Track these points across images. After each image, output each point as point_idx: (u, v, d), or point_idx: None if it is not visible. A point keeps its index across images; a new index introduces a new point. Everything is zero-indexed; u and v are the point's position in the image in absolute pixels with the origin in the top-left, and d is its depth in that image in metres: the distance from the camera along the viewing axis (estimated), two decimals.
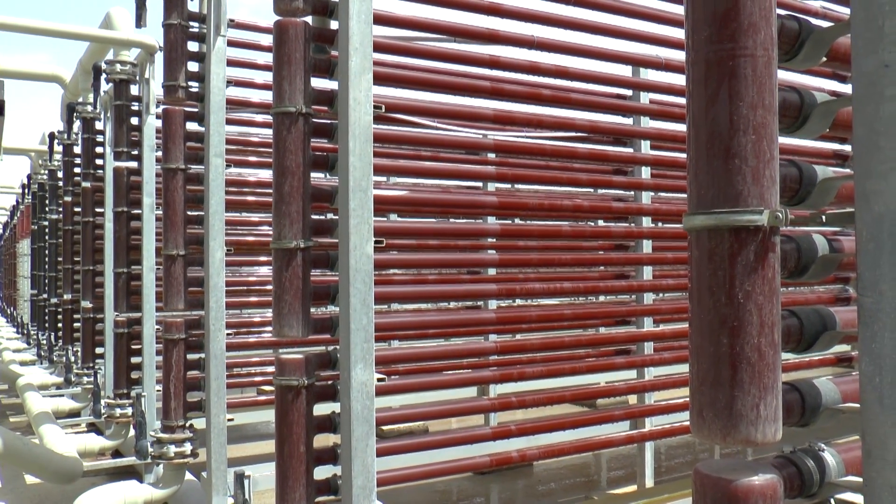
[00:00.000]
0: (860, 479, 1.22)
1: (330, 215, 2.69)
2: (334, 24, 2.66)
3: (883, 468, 1.18)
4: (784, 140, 1.76)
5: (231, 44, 4.29)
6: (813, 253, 1.32)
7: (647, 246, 3.85)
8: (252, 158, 5.09)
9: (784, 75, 1.47)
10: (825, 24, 1.38)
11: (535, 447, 3.13)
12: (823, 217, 1.30)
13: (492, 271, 4.28)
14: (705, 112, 1.14)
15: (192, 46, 3.94)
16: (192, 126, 4.01)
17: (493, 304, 5.24)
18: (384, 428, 4.81)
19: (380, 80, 2.73)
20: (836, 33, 1.33)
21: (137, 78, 5.30)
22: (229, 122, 4.78)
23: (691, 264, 1.16)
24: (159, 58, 4.66)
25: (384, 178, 5.41)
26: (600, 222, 5.47)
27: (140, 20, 4.30)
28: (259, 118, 4.85)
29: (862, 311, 1.20)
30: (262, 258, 5.21)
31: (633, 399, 4.52)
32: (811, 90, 1.34)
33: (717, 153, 1.12)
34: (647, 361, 3.65)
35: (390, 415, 2.91)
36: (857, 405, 1.22)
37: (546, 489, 5.58)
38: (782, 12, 1.33)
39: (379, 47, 2.70)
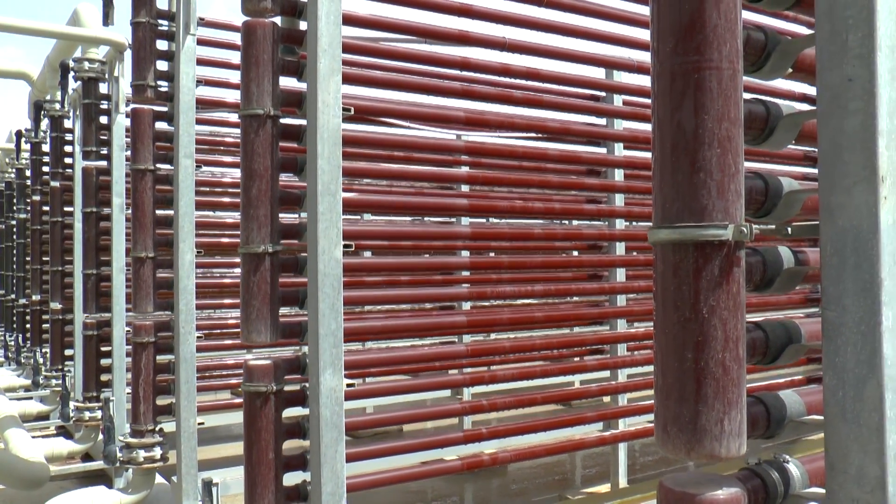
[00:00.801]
0: (823, 491, 1.22)
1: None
2: (303, 25, 2.63)
3: (845, 482, 1.18)
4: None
5: (202, 42, 4.24)
6: (778, 266, 1.32)
7: (620, 248, 3.85)
8: (227, 159, 5.04)
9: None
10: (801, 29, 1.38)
11: (507, 450, 3.12)
12: (789, 229, 1.30)
13: (464, 273, 4.28)
14: (670, 125, 1.13)
15: (162, 45, 3.89)
16: (162, 126, 3.96)
17: (465, 305, 5.24)
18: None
19: (350, 81, 2.70)
20: (803, 45, 1.32)
21: (106, 76, 5.22)
22: (203, 121, 4.74)
23: (656, 278, 1.15)
24: (129, 56, 4.60)
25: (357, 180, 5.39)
26: (574, 223, 5.49)
27: (107, 18, 4.23)
28: (233, 118, 4.80)
29: (826, 325, 1.19)
30: (237, 259, 5.16)
31: (609, 399, 4.54)
32: (777, 102, 1.34)
33: (681, 166, 1.11)
34: (620, 363, 3.66)
35: (361, 420, 2.89)
36: (822, 417, 1.23)
37: (520, 488, 5.58)
38: (749, 20, 1.32)
39: (348, 48, 2.67)
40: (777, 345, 1.33)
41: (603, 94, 3.91)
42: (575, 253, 4.95)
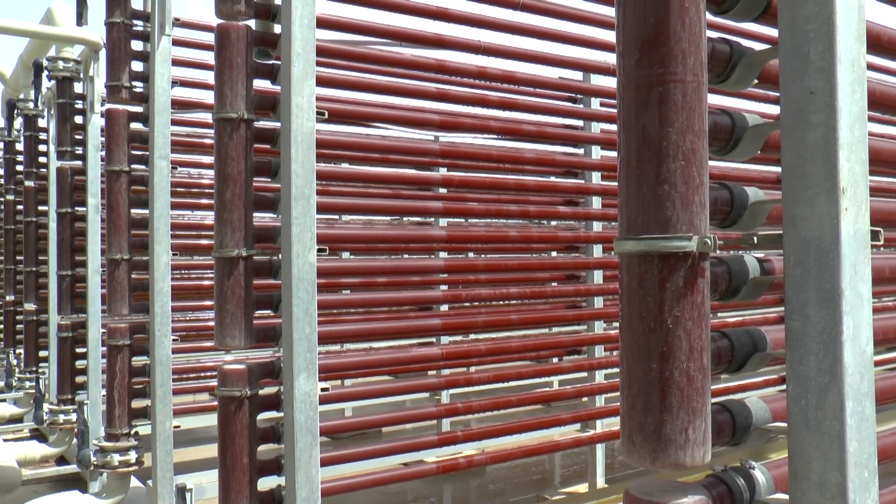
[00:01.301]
0: (788, 497, 1.24)
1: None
2: (278, 28, 2.62)
3: (808, 489, 1.19)
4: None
5: (178, 43, 4.22)
6: (744, 275, 1.33)
7: (597, 250, 3.87)
8: (205, 160, 5.01)
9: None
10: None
11: (482, 453, 3.13)
12: (755, 239, 1.31)
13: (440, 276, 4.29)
14: (635, 137, 1.14)
15: (137, 45, 3.85)
16: (137, 127, 3.93)
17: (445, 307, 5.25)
18: None
19: (324, 83, 2.69)
20: (767, 57, 1.34)
21: (81, 75, 5.17)
22: (180, 122, 4.71)
23: (622, 289, 1.16)
24: (105, 55, 4.56)
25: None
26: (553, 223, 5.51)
27: (81, 18, 4.19)
28: (211, 119, 4.77)
29: (789, 334, 1.21)
30: None
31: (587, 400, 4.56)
32: (743, 113, 1.35)
33: (646, 179, 1.12)
34: (596, 364, 3.68)
35: (338, 423, 2.89)
36: (786, 424, 1.24)
37: (498, 488, 5.60)
38: (714, 35, 1.34)
39: (323, 52, 2.67)
40: (742, 353, 1.34)
41: (580, 96, 3.92)
42: (554, 253, 4.97)
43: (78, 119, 5.14)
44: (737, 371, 1.35)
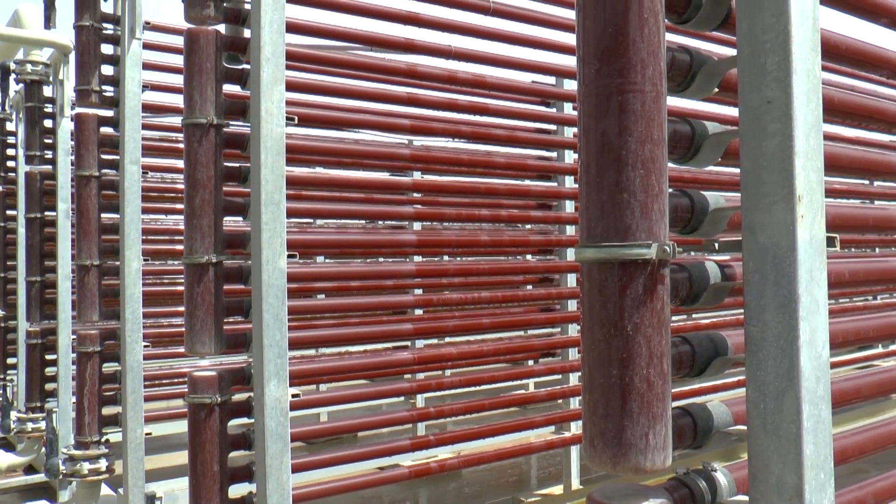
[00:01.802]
0: (748, 499, 1.26)
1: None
2: (248, 33, 2.62)
3: (766, 491, 1.21)
4: None
5: (149, 47, 4.19)
6: (705, 281, 1.35)
7: (570, 253, 3.89)
8: (177, 164, 4.98)
9: None
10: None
11: (457, 456, 3.13)
12: (716, 245, 1.33)
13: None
14: (595, 146, 1.15)
15: (107, 49, 3.82)
16: (107, 131, 3.90)
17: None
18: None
19: (294, 88, 2.69)
20: (727, 66, 1.36)
21: (51, 79, 5.12)
22: (151, 126, 4.68)
23: (583, 296, 1.17)
24: (74, 58, 4.51)
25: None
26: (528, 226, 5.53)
27: (49, 21, 4.15)
28: None
29: (748, 339, 1.23)
30: None
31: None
32: (703, 121, 1.37)
33: (606, 187, 1.13)
34: (568, 367, 3.70)
35: (310, 429, 2.88)
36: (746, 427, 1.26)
37: (473, 491, 5.60)
38: (673, 43, 1.35)
39: (293, 56, 2.67)
40: (704, 358, 1.36)
41: (552, 101, 3.94)
42: (528, 256, 4.99)
43: (47, 123, 5.08)
44: (698, 375, 1.36)
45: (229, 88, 2.63)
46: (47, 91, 5.13)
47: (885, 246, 6.31)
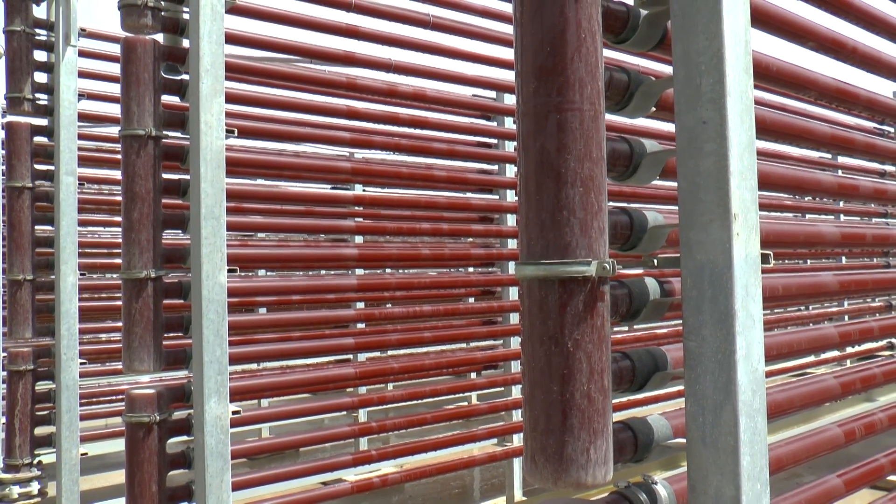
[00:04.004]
0: None
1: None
2: (186, 43, 2.58)
3: (706, 502, 1.23)
4: None
5: (85, 54, 4.09)
6: (644, 297, 1.37)
7: (511, 267, 3.92)
8: (116, 175, 4.86)
9: None
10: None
11: (397, 471, 3.12)
12: (655, 261, 1.35)
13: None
14: (534, 164, 1.16)
15: (40, 56, 3.72)
16: (41, 141, 3.78)
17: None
18: None
19: (234, 100, 2.65)
20: (664, 86, 1.38)
21: None
22: (88, 137, 4.57)
23: (523, 313, 1.18)
24: (4, 65, 4.38)
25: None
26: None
27: None
28: None
29: (687, 354, 1.25)
30: None
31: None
32: (641, 140, 1.40)
33: (545, 205, 1.14)
34: (510, 380, 3.71)
35: (252, 446, 2.83)
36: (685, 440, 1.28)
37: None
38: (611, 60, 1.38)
39: (232, 68, 2.63)
40: (644, 373, 1.38)
41: (492, 115, 3.97)
42: (470, 269, 5.00)
43: None
44: (639, 390, 1.38)
45: (168, 99, 2.58)
46: None
47: (815, 258, 6.51)
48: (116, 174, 4.83)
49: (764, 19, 1.64)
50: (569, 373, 1.14)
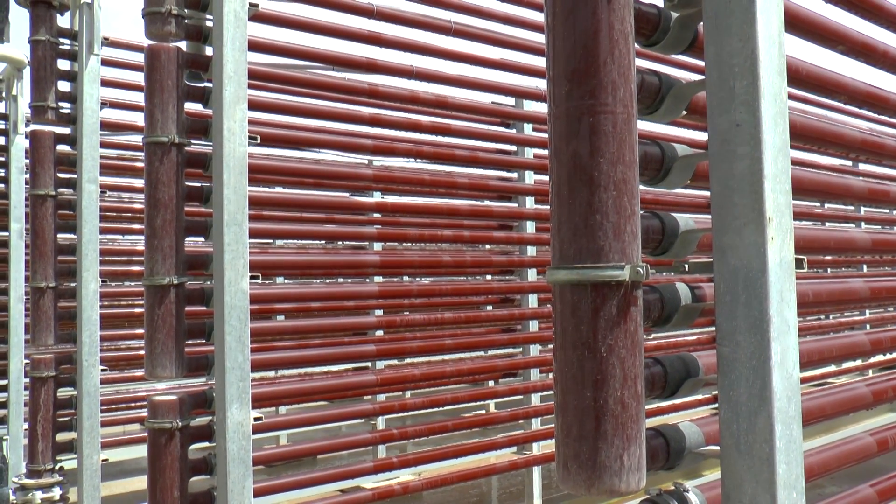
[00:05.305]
0: None
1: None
2: (209, 51, 2.59)
3: None
4: None
5: (107, 63, 4.12)
6: (676, 303, 1.35)
7: (531, 274, 3.90)
8: (137, 183, 4.89)
9: None
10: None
11: (417, 478, 3.10)
12: (686, 266, 1.34)
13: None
14: (566, 168, 1.15)
15: (64, 65, 3.75)
16: (64, 149, 3.81)
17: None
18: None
19: (256, 107, 2.66)
20: (695, 89, 1.37)
21: (4, 94, 5.00)
22: (110, 145, 4.60)
23: (555, 318, 1.17)
24: (29, 74, 4.42)
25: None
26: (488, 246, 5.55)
27: (2, 34, 4.06)
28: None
29: (720, 360, 1.23)
30: None
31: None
32: (673, 144, 1.38)
33: (578, 209, 1.13)
34: (531, 388, 3.69)
35: (271, 452, 2.83)
36: (719, 447, 1.26)
37: None
38: (643, 66, 1.36)
39: (255, 75, 2.64)
40: (676, 379, 1.36)
41: (512, 121, 3.97)
42: (489, 277, 4.98)
43: (0, 140, 4.97)
44: (670, 396, 1.36)
45: (191, 107, 2.59)
46: (0, 107, 5.01)
47: (836, 266, 6.45)
48: (136, 182, 4.86)
49: (793, 22, 1.62)
50: (602, 378, 1.13)
